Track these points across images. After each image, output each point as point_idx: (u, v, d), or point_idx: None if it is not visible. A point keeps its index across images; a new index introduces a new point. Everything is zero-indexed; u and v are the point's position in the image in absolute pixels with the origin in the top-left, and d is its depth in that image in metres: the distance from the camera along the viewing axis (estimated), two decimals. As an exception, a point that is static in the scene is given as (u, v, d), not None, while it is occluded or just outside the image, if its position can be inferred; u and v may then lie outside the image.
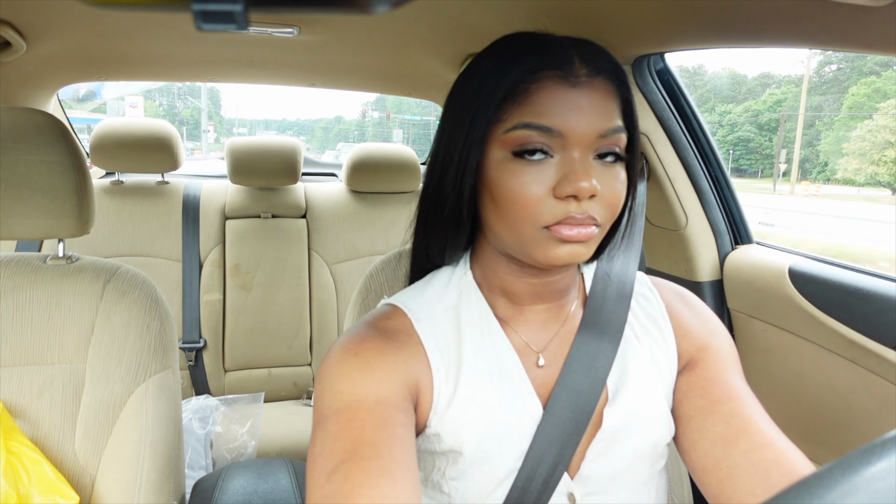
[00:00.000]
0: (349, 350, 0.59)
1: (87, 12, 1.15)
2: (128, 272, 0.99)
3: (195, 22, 0.22)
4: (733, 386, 0.62)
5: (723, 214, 1.25)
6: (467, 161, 0.58)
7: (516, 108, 0.55)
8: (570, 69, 0.55)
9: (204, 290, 1.95)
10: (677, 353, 0.66)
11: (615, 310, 0.66)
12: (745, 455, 0.56)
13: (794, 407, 1.10)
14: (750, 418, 0.58)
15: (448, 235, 0.64)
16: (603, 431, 0.61)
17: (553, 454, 0.59)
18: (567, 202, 0.55)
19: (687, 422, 0.62)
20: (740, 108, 39.58)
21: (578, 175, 0.54)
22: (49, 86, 1.77)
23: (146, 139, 1.89)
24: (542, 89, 0.55)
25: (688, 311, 0.69)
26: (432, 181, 0.63)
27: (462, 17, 1.13)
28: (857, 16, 0.66)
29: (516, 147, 0.55)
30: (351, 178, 2.09)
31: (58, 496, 0.86)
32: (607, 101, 0.57)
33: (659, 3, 0.84)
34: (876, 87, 29.94)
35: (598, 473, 0.61)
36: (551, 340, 0.65)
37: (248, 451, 1.66)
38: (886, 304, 0.92)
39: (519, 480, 0.59)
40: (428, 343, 0.62)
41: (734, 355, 0.66)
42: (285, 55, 1.59)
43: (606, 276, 0.69)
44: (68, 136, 0.94)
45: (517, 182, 0.55)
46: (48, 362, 0.93)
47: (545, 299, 0.65)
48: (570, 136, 0.55)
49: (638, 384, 0.63)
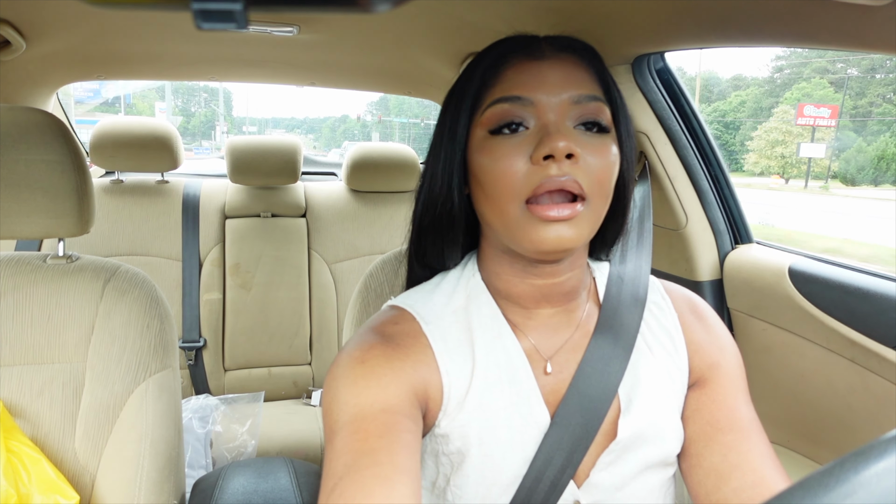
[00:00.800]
0: (355, 358, 0.58)
1: (86, 11, 1.14)
2: (128, 271, 0.99)
3: (195, 21, 0.22)
4: (738, 414, 0.61)
5: (723, 214, 1.25)
6: (454, 153, 0.60)
7: (489, 91, 0.58)
8: (537, 47, 0.59)
9: (204, 289, 1.95)
10: (688, 366, 0.66)
11: (629, 314, 0.64)
12: (735, 493, 0.56)
13: (793, 406, 1.10)
14: (746, 454, 0.58)
15: (444, 235, 0.64)
16: (617, 443, 0.60)
17: (561, 460, 0.58)
18: (545, 166, 0.53)
19: (689, 444, 0.62)
20: (710, 108, 41.09)
21: (552, 136, 0.53)
22: (49, 85, 1.77)
23: (146, 138, 1.89)
24: (510, 67, 0.58)
25: (700, 326, 0.68)
26: (424, 184, 0.64)
27: (462, 16, 1.13)
28: (857, 16, 0.66)
29: (493, 125, 0.57)
30: (351, 178, 2.09)
31: (58, 495, 0.86)
32: (577, 71, 0.58)
33: (659, 2, 0.84)
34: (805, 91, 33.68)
35: (607, 482, 0.61)
36: (562, 346, 0.64)
37: (248, 451, 1.66)
38: (886, 304, 0.92)
39: (524, 487, 0.58)
40: (437, 345, 0.61)
41: (742, 375, 0.66)
42: (285, 54, 1.59)
43: (620, 279, 0.67)
44: (68, 136, 0.94)
45: (495, 156, 0.56)
46: (48, 361, 0.93)
47: (552, 302, 0.63)
48: (541, 103, 0.56)
49: (651, 394, 0.62)
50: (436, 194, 0.62)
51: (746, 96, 40.00)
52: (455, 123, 0.60)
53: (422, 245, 0.67)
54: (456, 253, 0.66)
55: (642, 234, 0.74)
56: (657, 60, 1.15)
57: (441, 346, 0.61)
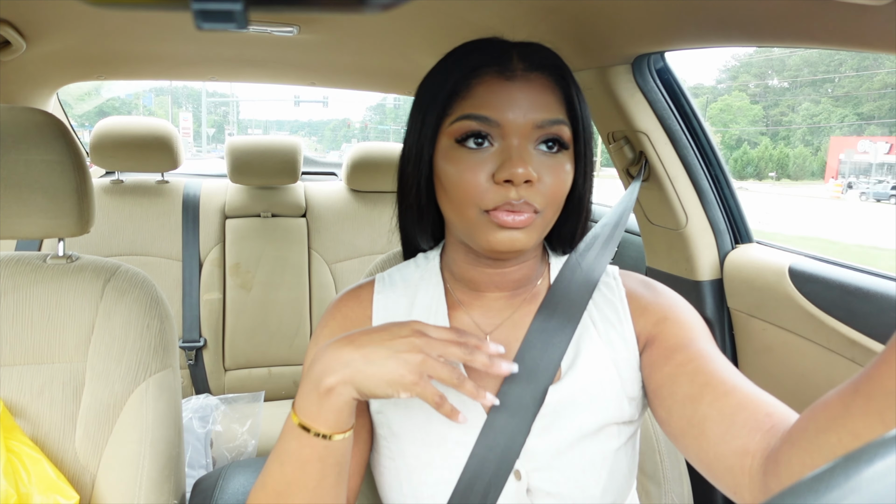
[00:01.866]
0: (314, 337, 0.72)
1: (86, 12, 1.15)
2: (128, 271, 0.99)
3: (195, 21, 0.22)
4: (695, 347, 0.62)
5: (723, 213, 1.25)
6: (421, 154, 0.64)
7: (460, 103, 0.61)
8: (508, 65, 0.61)
9: (204, 289, 1.96)
10: (635, 334, 0.68)
11: (578, 294, 0.68)
12: (711, 405, 0.57)
13: (794, 406, 1.10)
14: (713, 372, 0.59)
15: (415, 223, 0.70)
16: (546, 407, 0.63)
17: (509, 430, 0.61)
18: (506, 188, 0.58)
19: (658, 392, 0.63)
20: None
21: (514, 161, 0.58)
22: (49, 85, 1.77)
23: (146, 138, 1.89)
24: (482, 84, 0.60)
25: (646, 291, 0.70)
26: (400, 175, 0.69)
27: (462, 16, 1.13)
28: (857, 15, 0.66)
29: (459, 136, 0.61)
30: (351, 178, 2.09)
31: (58, 495, 0.86)
32: (544, 94, 0.61)
33: (659, 2, 0.84)
34: (727, 102, 38.67)
35: (542, 449, 0.62)
36: (503, 323, 0.68)
37: (248, 450, 1.67)
38: (886, 304, 0.92)
39: (476, 453, 0.61)
40: (377, 314, 0.71)
41: (698, 324, 0.66)
42: (285, 54, 1.59)
43: (577, 265, 0.71)
44: (68, 136, 0.94)
45: (459, 168, 0.60)
46: (48, 361, 0.93)
47: (501, 288, 0.69)
48: (507, 125, 0.59)
49: (588, 364, 0.65)
50: (408, 186, 0.67)
51: (697, 104, 44.23)
52: (424, 125, 0.63)
53: (403, 228, 0.73)
54: (425, 238, 0.72)
55: (615, 231, 0.77)
56: (657, 60, 1.15)
57: (380, 315, 0.70)
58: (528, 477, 0.62)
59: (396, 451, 0.65)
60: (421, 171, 0.64)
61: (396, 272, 0.74)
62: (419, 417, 0.64)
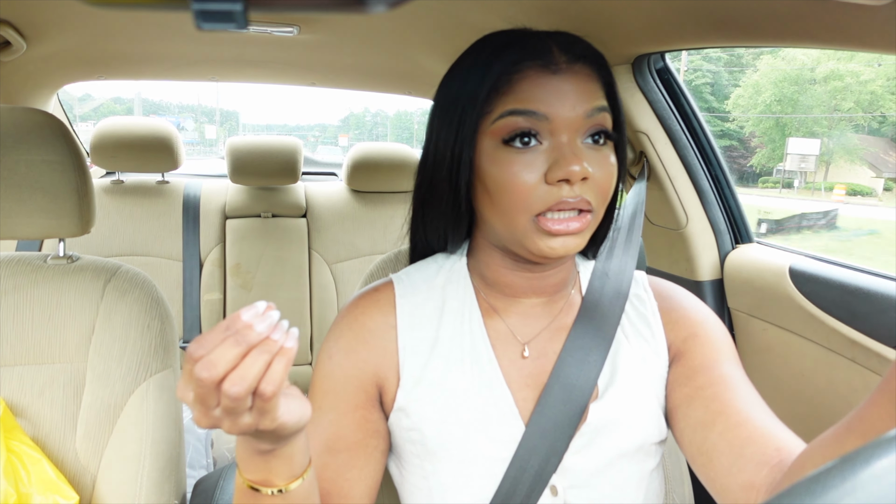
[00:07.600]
0: (324, 352, 0.68)
1: (87, 12, 1.15)
2: (128, 272, 0.99)
3: (195, 21, 0.22)
4: (717, 371, 0.62)
5: (723, 214, 1.25)
6: (461, 157, 0.59)
7: (501, 99, 0.57)
8: (550, 58, 0.57)
9: (204, 289, 1.96)
10: (666, 345, 0.66)
11: (610, 308, 0.66)
12: (721, 435, 0.56)
13: (794, 406, 1.10)
14: (729, 401, 0.58)
15: (448, 229, 0.65)
16: (587, 425, 0.61)
17: (545, 447, 0.60)
18: (559, 187, 0.56)
19: (674, 412, 0.63)
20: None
21: (569, 159, 0.55)
22: (49, 85, 1.77)
23: (146, 139, 1.89)
24: (525, 78, 0.57)
25: (677, 304, 0.69)
26: (425, 179, 0.64)
27: (462, 16, 1.13)
28: (857, 15, 0.66)
29: (505, 135, 0.57)
30: (351, 178, 2.09)
31: (58, 495, 0.86)
32: (589, 84, 0.58)
33: (659, 2, 0.84)
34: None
35: (581, 467, 0.62)
36: (540, 333, 0.66)
37: (248, 451, 1.66)
38: (887, 304, 0.92)
39: (509, 475, 0.60)
40: (402, 321, 0.65)
41: (726, 342, 0.66)
42: (285, 54, 1.59)
43: (605, 274, 0.69)
44: (68, 136, 0.94)
45: (509, 170, 0.56)
46: (49, 361, 0.93)
47: (539, 293, 0.66)
48: (556, 119, 0.56)
49: (626, 382, 0.64)
50: (441, 191, 0.62)
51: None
52: (462, 125, 0.59)
53: (425, 236, 0.68)
54: (459, 242, 0.67)
55: (632, 233, 0.75)
56: (657, 60, 1.15)
57: (406, 322, 0.65)
58: (565, 494, 0.61)
59: (430, 470, 0.62)
60: (461, 177, 0.60)
61: (416, 272, 0.69)
62: (457, 434, 0.61)
